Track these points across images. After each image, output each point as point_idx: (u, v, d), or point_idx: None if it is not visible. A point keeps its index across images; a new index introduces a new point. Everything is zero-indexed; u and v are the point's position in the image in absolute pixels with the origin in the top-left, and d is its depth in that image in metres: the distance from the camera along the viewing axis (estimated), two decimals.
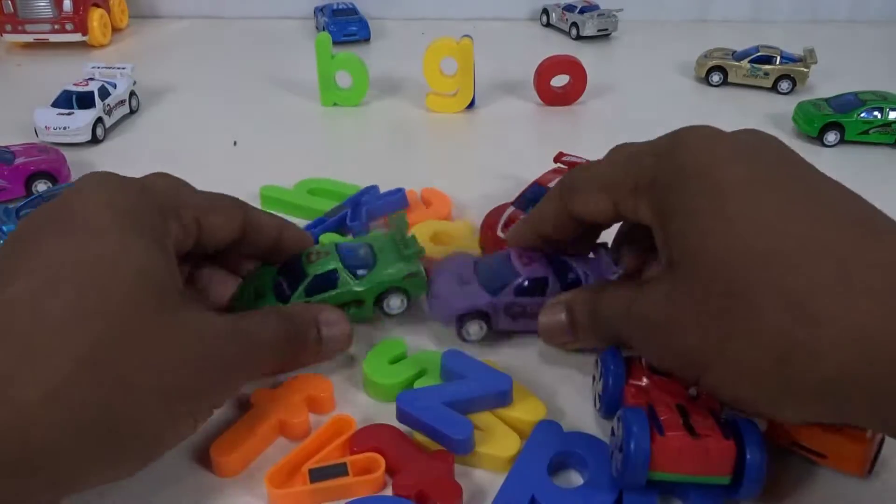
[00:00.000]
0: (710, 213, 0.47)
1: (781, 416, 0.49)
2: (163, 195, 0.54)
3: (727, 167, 0.49)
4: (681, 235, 0.49)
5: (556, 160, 0.89)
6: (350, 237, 0.80)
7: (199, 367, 0.47)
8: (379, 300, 0.66)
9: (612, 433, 0.51)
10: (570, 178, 0.62)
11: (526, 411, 0.58)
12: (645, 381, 0.55)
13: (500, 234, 0.77)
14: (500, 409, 0.58)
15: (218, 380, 0.50)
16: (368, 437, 0.55)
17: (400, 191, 0.86)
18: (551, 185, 0.81)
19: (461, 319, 0.66)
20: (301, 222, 0.86)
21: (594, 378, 0.60)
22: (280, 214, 0.71)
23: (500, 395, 0.58)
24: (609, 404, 0.56)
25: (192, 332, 0.48)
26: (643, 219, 0.54)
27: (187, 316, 0.48)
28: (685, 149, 0.51)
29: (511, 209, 0.81)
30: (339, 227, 0.82)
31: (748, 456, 0.48)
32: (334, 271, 0.64)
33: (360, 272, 0.65)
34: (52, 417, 0.40)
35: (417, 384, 0.61)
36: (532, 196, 0.81)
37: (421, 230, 0.80)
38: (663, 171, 0.52)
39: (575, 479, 0.54)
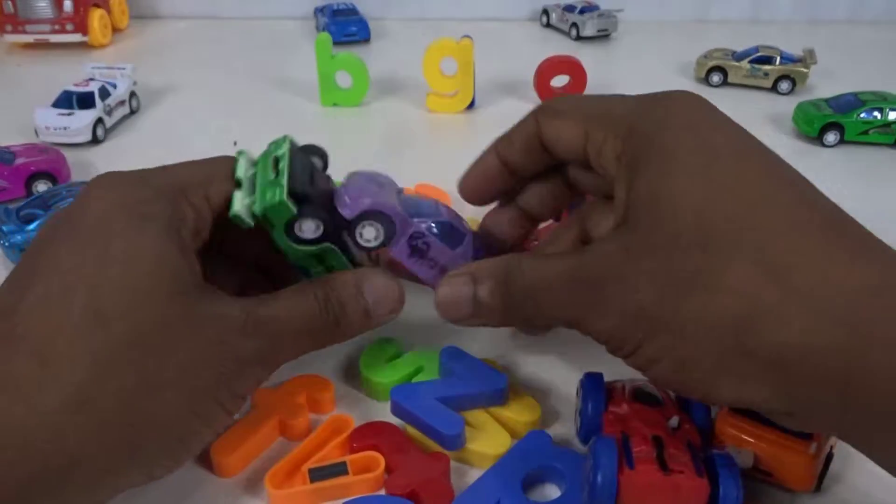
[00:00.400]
0: (694, 169, 0.45)
1: (720, 396, 0.44)
2: (169, 180, 0.52)
3: (717, 128, 0.49)
4: (652, 187, 0.46)
5: None
6: None
7: (221, 362, 0.46)
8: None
9: (587, 460, 0.50)
10: (551, 102, 0.60)
11: (520, 411, 0.58)
12: (625, 407, 0.53)
13: None
14: (494, 408, 0.58)
15: (242, 374, 0.48)
16: (367, 435, 0.55)
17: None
18: None
19: (361, 219, 0.55)
20: None
21: (577, 394, 0.58)
22: None
23: (494, 393, 0.58)
24: (588, 431, 0.54)
25: (212, 326, 0.46)
26: (605, 163, 0.51)
27: (206, 308, 0.46)
28: (674, 104, 0.51)
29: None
30: None
31: (721, 492, 0.46)
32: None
33: None
34: (76, 423, 0.40)
35: (414, 382, 0.61)
36: None
37: None
38: (644, 121, 0.50)
39: (551, 493, 0.54)
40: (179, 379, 0.44)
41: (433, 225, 0.58)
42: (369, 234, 0.55)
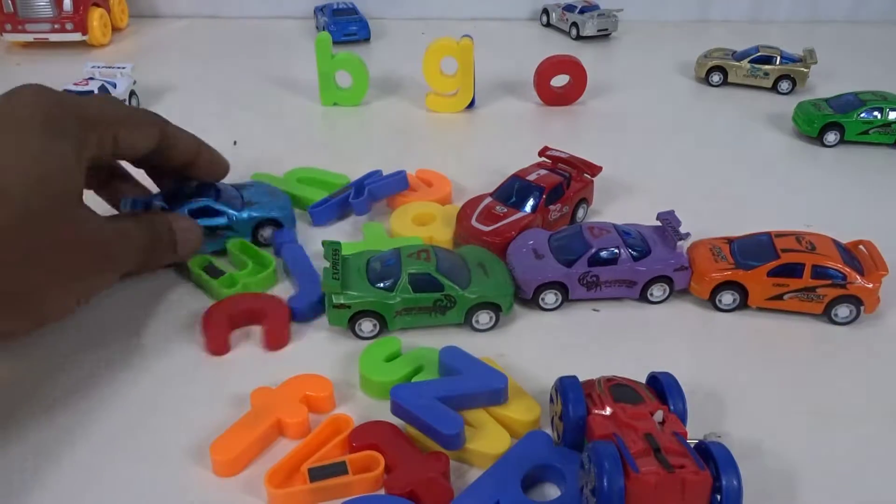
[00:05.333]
0: None
1: None
2: (85, 109, 0.63)
3: None
4: None
5: (540, 154, 0.91)
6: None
7: (93, 255, 0.61)
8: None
9: (581, 466, 0.49)
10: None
11: (520, 411, 0.58)
12: (608, 409, 0.53)
13: (473, 223, 0.80)
14: (494, 408, 0.58)
15: (105, 268, 0.64)
16: (367, 434, 0.55)
17: (400, 172, 0.89)
18: (530, 177, 0.84)
19: (538, 290, 0.72)
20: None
21: (551, 400, 0.57)
22: None
23: (494, 392, 0.58)
24: (573, 435, 0.53)
25: (87, 227, 0.61)
26: None
27: (84, 214, 0.61)
28: None
29: (488, 200, 0.83)
30: (342, 205, 0.87)
31: (724, 484, 0.46)
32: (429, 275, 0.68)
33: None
34: None
35: (414, 381, 0.61)
36: (510, 188, 0.84)
37: (404, 212, 0.85)
38: None
39: (551, 492, 0.54)
40: (58, 262, 0.57)
41: (589, 258, 0.72)
42: (548, 298, 0.73)
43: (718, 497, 0.46)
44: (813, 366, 0.68)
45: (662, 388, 0.55)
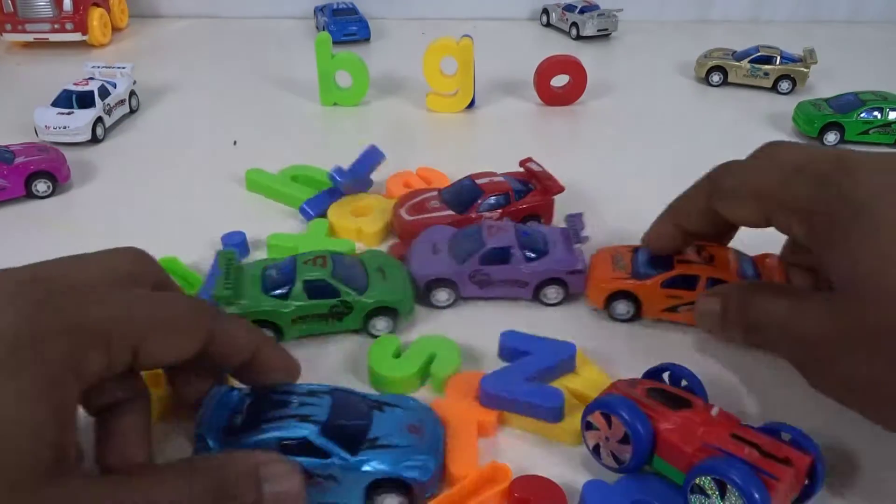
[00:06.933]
0: (882, 252, 0.48)
1: None
2: (90, 312, 0.43)
3: None
4: (845, 266, 0.50)
5: (520, 164, 0.89)
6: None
7: None
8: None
9: (691, 490, 0.47)
10: (719, 180, 0.62)
11: (590, 382, 0.61)
12: (674, 419, 0.51)
13: (400, 211, 0.82)
14: (566, 378, 0.61)
15: None
16: (527, 487, 0.52)
17: (369, 146, 0.90)
18: (480, 180, 0.84)
19: (429, 286, 0.71)
20: (282, 207, 0.90)
21: (588, 427, 0.53)
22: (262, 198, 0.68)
23: (567, 361, 0.62)
24: (641, 455, 0.51)
25: None
26: (798, 238, 0.55)
27: (56, 493, 0.38)
28: (852, 181, 0.51)
29: (432, 194, 0.85)
30: (332, 194, 0.88)
31: (817, 467, 0.49)
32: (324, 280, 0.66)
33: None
34: None
35: (434, 368, 0.62)
36: (455, 186, 0.85)
37: (344, 204, 0.86)
38: (825, 202, 0.52)
39: None
40: None
41: (480, 256, 0.71)
42: (440, 296, 0.71)
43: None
44: None
45: (679, 380, 0.57)
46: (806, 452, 0.49)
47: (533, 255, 0.71)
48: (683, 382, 0.57)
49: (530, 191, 0.84)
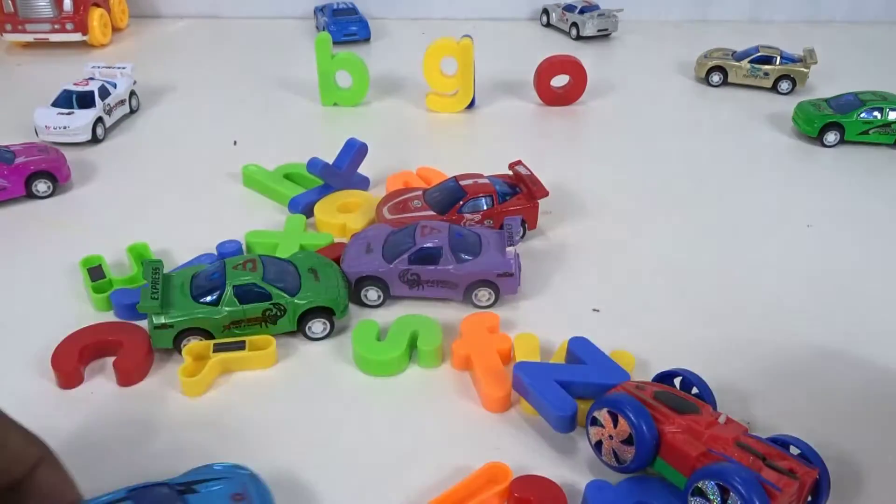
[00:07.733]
0: None
1: None
2: None
3: None
4: None
5: (510, 167, 0.89)
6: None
7: None
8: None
9: (691, 493, 0.47)
10: None
11: None
12: (679, 422, 0.50)
13: (383, 209, 0.83)
14: None
15: None
16: (526, 487, 0.53)
17: (350, 139, 0.92)
18: (464, 181, 0.84)
19: (359, 284, 0.72)
20: (275, 205, 0.91)
21: (592, 423, 0.54)
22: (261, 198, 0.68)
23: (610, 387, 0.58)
24: (645, 455, 0.51)
25: None
26: None
27: None
28: None
29: (416, 193, 0.85)
30: (320, 192, 0.89)
31: (822, 482, 0.49)
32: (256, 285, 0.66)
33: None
34: None
35: (420, 343, 0.64)
36: (439, 187, 0.85)
37: (331, 200, 0.87)
38: None
39: None
40: None
41: (409, 256, 0.71)
42: (370, 294, 0.72)
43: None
44: None
45: (690, 387, 0.57)
46: (812, 467, 0.48)
47: (463, 256, 0.71)
48: (694, 390, 0.57)
49: (516, 194, 0.84)
